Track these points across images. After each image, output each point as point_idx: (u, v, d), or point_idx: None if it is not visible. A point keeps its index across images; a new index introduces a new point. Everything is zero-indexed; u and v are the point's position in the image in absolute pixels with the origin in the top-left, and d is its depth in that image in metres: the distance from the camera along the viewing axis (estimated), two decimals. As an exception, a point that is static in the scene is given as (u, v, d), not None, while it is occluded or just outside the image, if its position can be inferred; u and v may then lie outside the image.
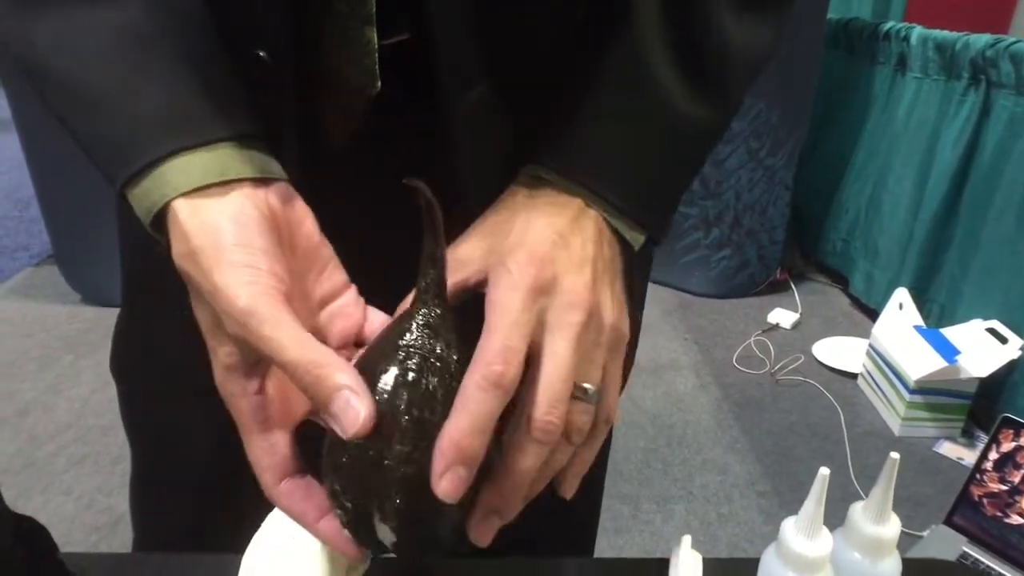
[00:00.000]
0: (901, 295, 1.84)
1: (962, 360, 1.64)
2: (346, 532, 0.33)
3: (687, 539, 0.49)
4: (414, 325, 0.32)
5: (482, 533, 0.32)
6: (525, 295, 0.31)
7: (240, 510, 0.45)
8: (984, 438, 1.58)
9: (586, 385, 0.32)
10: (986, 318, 1.73)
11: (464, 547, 0.35)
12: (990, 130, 1.73)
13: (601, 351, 0.33)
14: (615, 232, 0.36)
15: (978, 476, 1.44)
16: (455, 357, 0.32)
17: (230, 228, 0.30)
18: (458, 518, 0.34)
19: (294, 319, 0.29)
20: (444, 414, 0.30)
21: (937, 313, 1.90)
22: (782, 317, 2.10)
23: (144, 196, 0.31)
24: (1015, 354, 1.63)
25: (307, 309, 0.34)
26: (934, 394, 1.64)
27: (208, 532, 0.51)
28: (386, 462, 0.31)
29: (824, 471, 0.36)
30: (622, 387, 0.37)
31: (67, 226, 2.06)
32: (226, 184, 0.31)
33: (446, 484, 0.29)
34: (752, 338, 2.01)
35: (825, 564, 0.38)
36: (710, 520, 1.42)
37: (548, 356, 0.31)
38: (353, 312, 0.36)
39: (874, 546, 0.38)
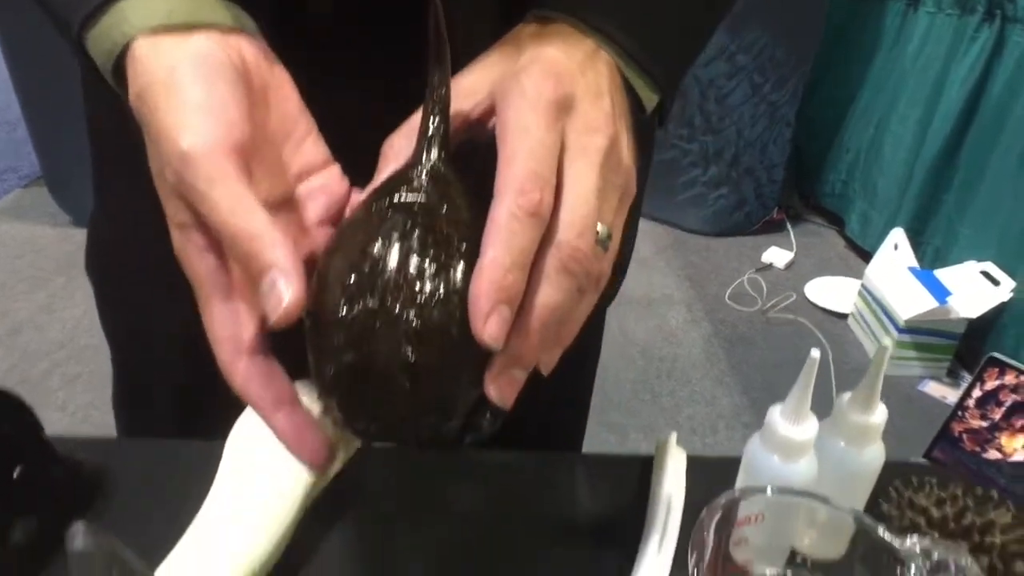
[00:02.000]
0: (897, 236, 1.84)
1: (952, 301, 1.65)
2: (313, 428, 0.31)
3: (673, 435, 0.50)
4: (417, 177, 0.30)
5: (503, 389, 0.30)
6: (546, 112, 0.28)
7: (221, 405, 0.45)
8: (968, 378, 1.60)
9: (600, 227, 0.29)
10: (980, 260, 1.74)
11: (473, 431, 0.33)
12: (1001, 68, 1.70)
13: (616, 193, 0.30)
14: (628, 86, 0.33)
15: (960, 413, 1.46)
16: (468, 214, 0.29)
17: (189, 66, 0.27)
18: (467, 396, 0.31)
19: (241, 179, 0.26)
20: (467, 273, 0.28)
21: (932, 255, 1.90)
22: (776, 256, 2.10)
23: (103, 37, 0.28)
24: (1006, 296, 1.64)
25: (278, 178, 0.31)
26: (922, 334, 1.66)
27: (191, 429, 0.51)
28: (393, 332, 0.28)
29: (815, 353, 0.36)
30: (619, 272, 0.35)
31: (56, 148, 2.02)
32: (194, 28, 0.28)
33: (492, 327, 0.26)
34: (745, 276, 2.02)
35: (809, 449, 0.38)
36: (696, 450, 1.45)
37: (573, 181, 0.28)
38: (336, 190, 0.33)
39: (860, 433, 0.39)
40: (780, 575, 0.40)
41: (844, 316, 1.87)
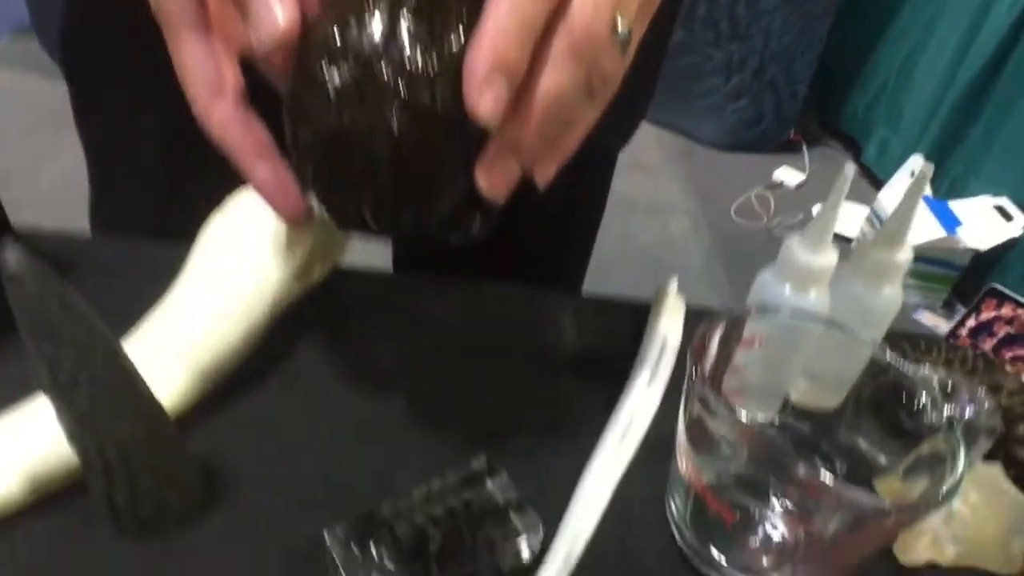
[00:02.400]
0: (915, 162, 1.78)
1: (962, 232, 1.61)
2: (293, 181, 0.29)
3: (674, 280, 0.47)
4: None
5: (494, 179, 0.28)
6: None
7: (197, 202, 0.42)
8: (963, 312, 1.60)
9: (619, 20, 0.26)
10: (996, 195, 1.69)
11: (460, 230, 0.31)
12: (1056, -11, 1.59)
13: None
14: None
15: (951, 340, 1.47)
16: None
17: None
18: (454, 184, 0.29)
19: None
20: (465, 44, 0.25)
21: (947, 186, 1.85)
22: (787, 176, 2.05)
23: None
24: (1017, 232, 1.61)
25: None
26: (926, 262, 1.63)
27: (168, 231, 0.48)
28: (378, 100, 0.26)
29: (849, 169, 0.33)
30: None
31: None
32: None
33: (487, 100, 0.24)
34: (754, 192, 1.97)
35: (826, 280, 0.36)
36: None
37: None
38: None
39: (882, 272, 0.36)
40: (770, 422, 0.39)
41: (849, 240, 1.84)
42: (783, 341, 0.34)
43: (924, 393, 0.30)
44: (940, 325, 1.65)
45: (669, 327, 0.44)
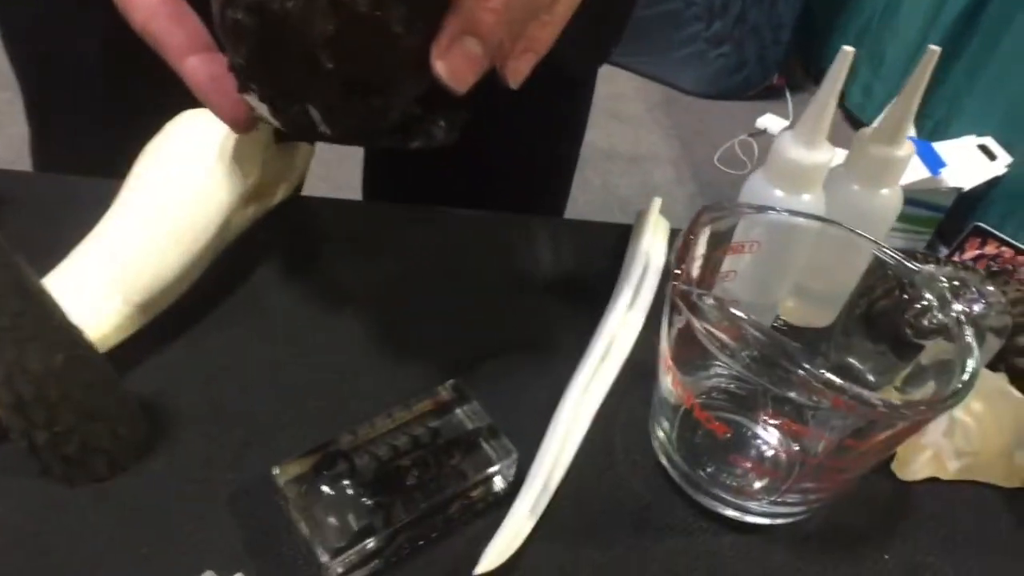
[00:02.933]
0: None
1: (946, 172, 1.59)
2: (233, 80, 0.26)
3: (656, 201, 0.44)
4: None
5: (454, 63, 0.24)
6: None
7: (142, 132, 0.38)
8: (945, 253, 1.59)
9: None
10: (981, 134, 1.67)
11: (422, 134, 0.28)
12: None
13: None
14: None
15: (935, 282, 1.46)
16: None
17: None
18: (415, 78, 0.25)
19: None
20: None
21: (931, 127, 1.83)
22: (771, 123, 2.01)
23: None
24: (1000, 170, 1.59)
25: None
26: (910, 204, 1.61)
27: (110, 159, 0.44)
28: None
29: (848, 49, 0.29)
30: None
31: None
32: None
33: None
34: (737, 140, 1.93)
35: (820, 181, 0.33)
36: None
37: None
38: None
39: (880, 170, 0.33)
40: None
41: (832, 186, 1.82)
42: (777, 244, 0.31)
43: (930, 291, 0.27)
44: (924, 268, 1.64)
45: (652, 247, 0.41)
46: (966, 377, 0.24)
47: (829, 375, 0.22)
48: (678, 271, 0.24)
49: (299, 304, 0.37)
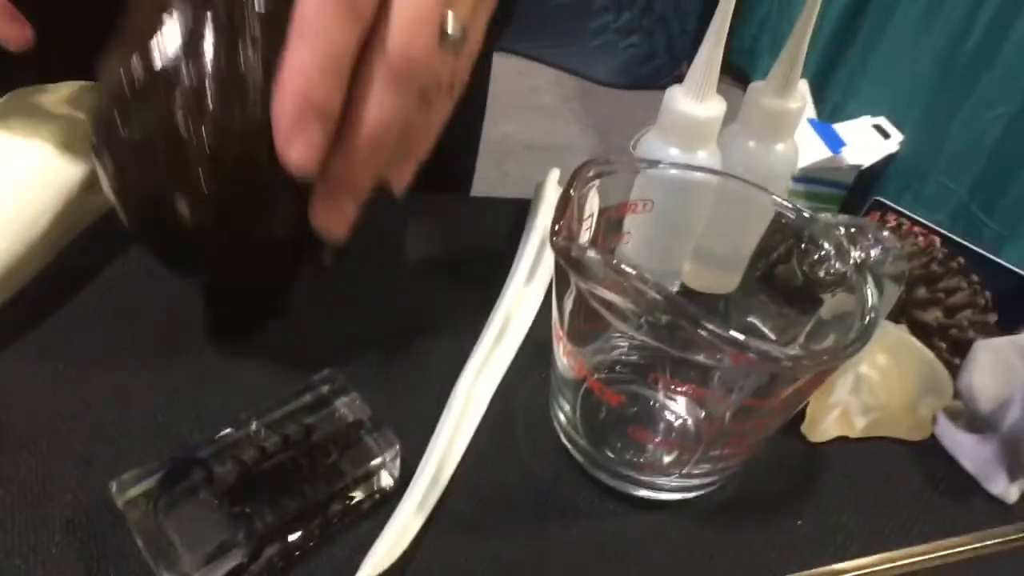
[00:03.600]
0: (801, 87, 1.82)
1: (846, 152, 1.67)
2: None
3: (555, 172, 0.42)
4: None
5: (331, 219, 0.25)
6: None
7: None
8: (851, 229, 1.66)
9: (450, 20, 0.23)
10: (876, 115, 1.76)
11: (309, 265, 0.29)
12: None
13: None
14: None
15: (842, 256, 1.53)
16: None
17: None
18: (292, 229, 0.26)
19: None
20: (270, 58, 0.22)
21: (831, 109, 1.91)
22: (683, 111, 2.06)
23: None
24: (894, 148, 1.68)
25: None
26: (815, 183, 1.68)
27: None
28: (185, 132, 0.23)
29: (731, -10, 0.28)
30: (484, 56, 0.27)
31: None
32: None
33: (298, 150, 0.22)
34: (650, 128, 1.96)
35: (714, 134, 0.31)
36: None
37: None
38: None
39: (774, 123, 0.32)
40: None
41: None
42: (674, 202, 0.29)
43: (827, 240, 0.26)
44: (831, 244, 1.71)
45: (550, 220, 0.38)
46: (866, 323, 0.23)
47: (731, 332, 0.21)
48: (556, 227, 0.22)
49: (154, 300, 0.33)
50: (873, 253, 0.25)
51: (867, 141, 1.95)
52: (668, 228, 0.31)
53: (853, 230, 0.26)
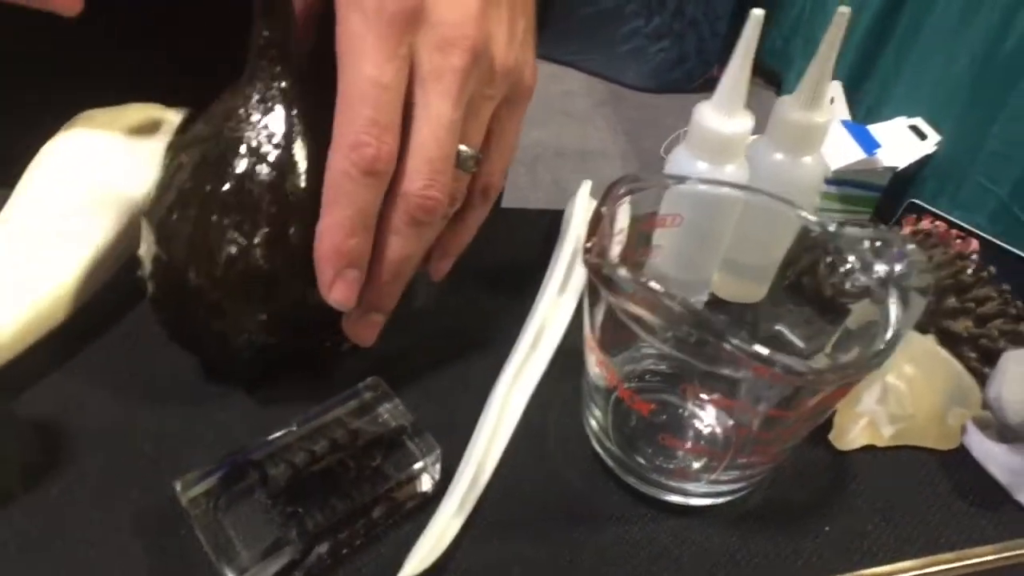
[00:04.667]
0: (834, 89, 1.80)
1: (880, 153, 1.64)
2: None
3: (586, 185, 0.43)
4: (243, 107, 0.27)
5: (362, 332, 0.29)
6: (388, 30, 0.23)
7: (32, 128, 0.36)
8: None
9: (463, 148, 0.27)
10: (911, 116, 1.73)
11: (335, 348, 0.32)
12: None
13: (490, 105, 0.27)
14: None
15: (877, 260, 1.50)
16: (309, 142, 0.27)
17: None
18: (325, 335, 0.30)
19: None
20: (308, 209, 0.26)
21: (865, 111, 1.88)
22: (713, 114, 2.04)
23: None
24: (930, 149, 1.65)
25: None
26: (849, 185, 1.65)
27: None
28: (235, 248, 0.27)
29: (758, 11, 0.29)
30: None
31: None
32: None
33: (339, 292, 0.26)
34: (682, 131, 1.95)
35: (741, 150, 0.32)
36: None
37: (423, 114, 0.25)
38: None
39: (801, 137, 0.33)
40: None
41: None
42: (702, 216, 0.30)
43: (853, 253, 0.27)
44: (866, 248, 1.69)
45: (583, 230, 0.40)
46: (889, 336, 0.23)
47: (755, 347, 0.22)
48: (588, 244, 0.23)
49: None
50: (898, 267, 0.26)
51: (903, 142, 1.91)
52: (697, 241, 0.32)
53: (879, 243, 0.26)
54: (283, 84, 0.27)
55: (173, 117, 0.38)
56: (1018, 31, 1.53)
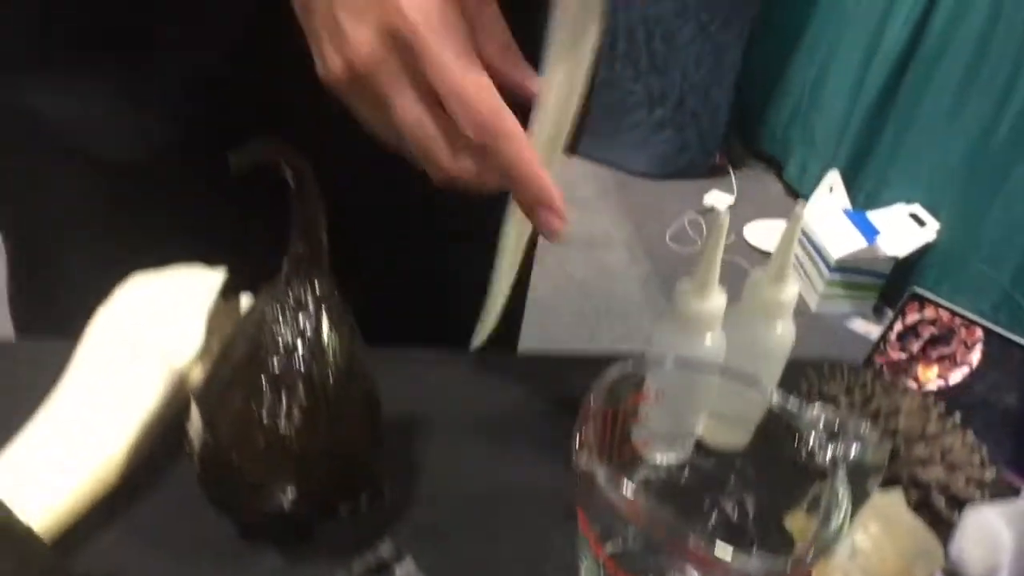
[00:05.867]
0: (832, 178, 1.86)
1: (881, 241, 1.69)
2: None
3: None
4: (281, 310, 0.31)
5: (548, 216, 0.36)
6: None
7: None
8: (891, 315, 1.66)
9: None
10: (909, 202, 1.78)
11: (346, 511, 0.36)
12: (942, 5, 1.70)
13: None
14: None
15: (882, 346, 1.51)
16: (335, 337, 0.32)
17: None
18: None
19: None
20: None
21: (864, 198, 1.93)
22: (718, 199, 2.11)
23: None
24: (931, 237, 1.69)
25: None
26: (852, 272, 1.70)
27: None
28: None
29: (724, 211, 0.34)
30: None
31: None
32: None
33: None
34: (687, 218, 2.02)
35: (717, 323, 0.36)
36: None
37: None
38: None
39: (772, 309, 0.37)
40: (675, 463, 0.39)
41: (779, 257, 1.90)
42: (680, 393, 0.34)
43: (812, 435, 0.30)
44: (872, 331, 1.71)
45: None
46: (839, 521, 0.27)
47: (717, 546, 0.24)
48: (577, 437, 0.27)
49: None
50: (853, 451, 0.29)
51: (903, 230, 1.96)
52: (679, 410, 0.35)
53: (836, 427, 0.30)
54: (314, 289, 0.32)
55: (215, 277, 0.43)
56: (1011, 117, 1.57)
